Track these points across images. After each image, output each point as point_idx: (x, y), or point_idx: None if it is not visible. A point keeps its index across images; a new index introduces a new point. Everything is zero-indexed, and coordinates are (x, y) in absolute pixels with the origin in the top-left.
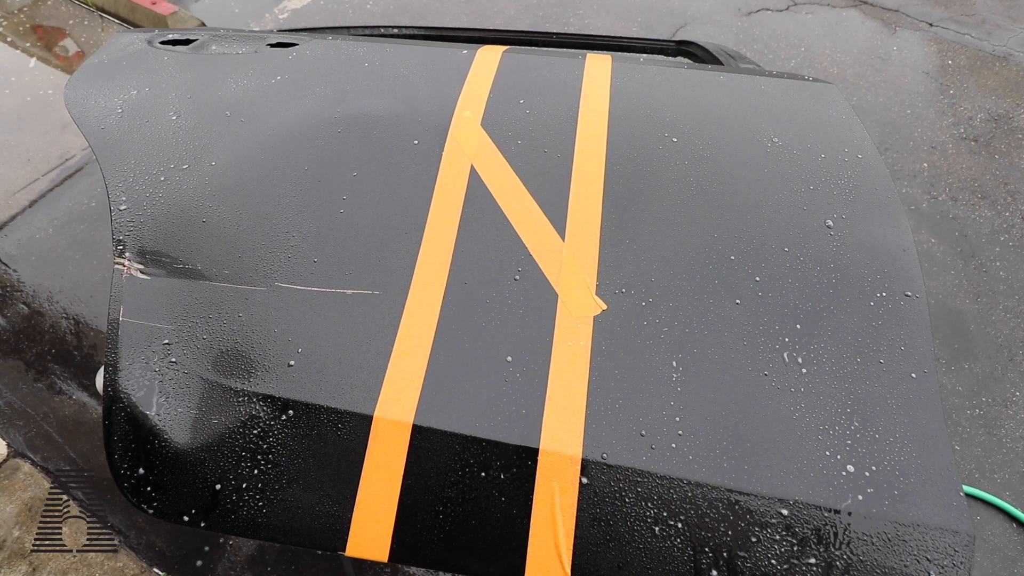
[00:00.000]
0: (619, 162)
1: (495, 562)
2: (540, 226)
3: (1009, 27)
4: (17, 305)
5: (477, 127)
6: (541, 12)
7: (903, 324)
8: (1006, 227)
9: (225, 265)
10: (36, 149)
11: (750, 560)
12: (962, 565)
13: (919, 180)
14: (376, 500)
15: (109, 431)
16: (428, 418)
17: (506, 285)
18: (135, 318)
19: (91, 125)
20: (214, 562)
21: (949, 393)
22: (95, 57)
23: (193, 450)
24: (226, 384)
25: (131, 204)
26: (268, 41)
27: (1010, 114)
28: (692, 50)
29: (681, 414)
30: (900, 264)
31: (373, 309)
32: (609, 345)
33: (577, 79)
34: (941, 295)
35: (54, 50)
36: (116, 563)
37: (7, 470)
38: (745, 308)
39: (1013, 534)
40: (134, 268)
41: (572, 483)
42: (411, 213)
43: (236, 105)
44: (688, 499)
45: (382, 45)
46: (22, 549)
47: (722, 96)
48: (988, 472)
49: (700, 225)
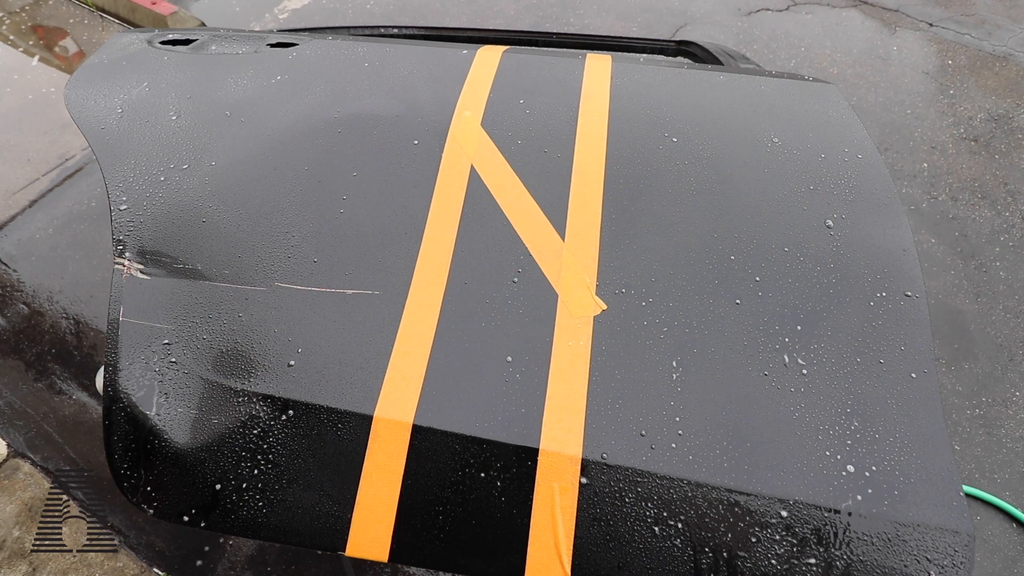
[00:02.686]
0: (619, 162)
1: (495, 562)
2: (540, 226)
3: (1009, 27)
4: (17, 305)
5: (477, 127)
6: (541, 12)
7: (903, 324)
8: (1006, 227)
9: (225, 265)
10: (36, 149)
11: (750, 560)
12: (962, 565)
13: (919, 180)
14: (376, 500)
15: (109, 431)
16: (428, 418)
17: (506, 285)
18: (135, 318)
19: (91, 125)
20: (214, 562)
21: (949, 393)
22: (95, 57)
23: (193, 450)
24: (226, 384)
25: (131, 204)
26: (268, 41)
27: (1010, 114)
28: (692, 50)
29: (681, 414)
30: (900, 264)
31: (373, 309)
32: (609, 345)
33: (577, 79)
34: (941, 295)
35: (54, 50)
36: (116, 563)
37: (7, 470)
38: (745, 308)
39: (1013, 534)
40: (134, 268)
41: (572, 483)
42: (411, 213)
43: (236, 105)
44: (688, 499)
45: (382, 45)
46: (22, 549)
47: (722, 96)
48: (988, 472)
49: (700, 225)
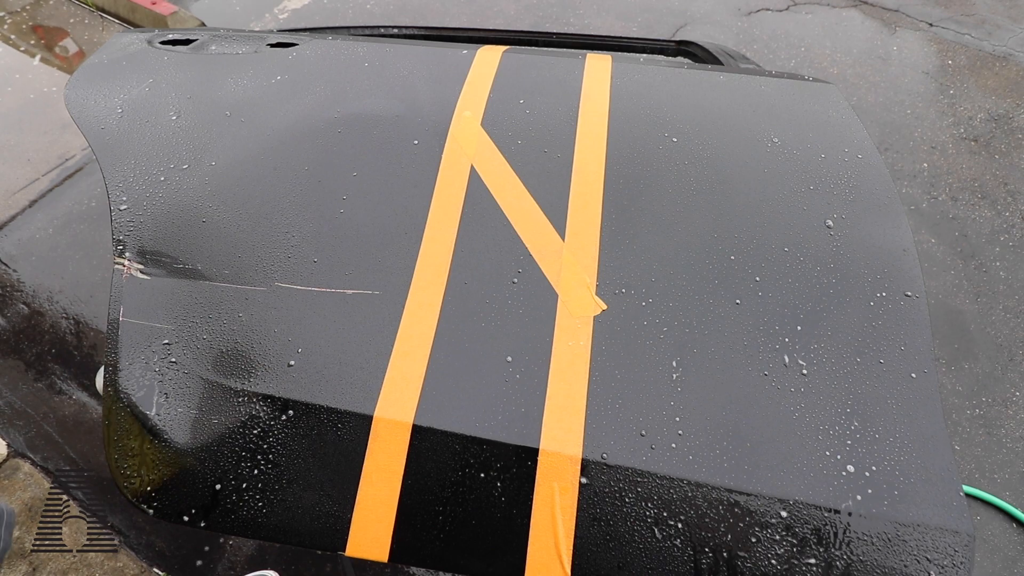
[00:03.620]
0: (619, 162)
1: (495, 562)
2: (540, 226)
3: (1009, 27)
4: (17, 305)
5: (477, 127)
6: (541, 12)
7: (903, 324)
8: (1006, 227)
9: (225, 265)
10: (36, 149)
11: (750, 560)
12: (962, 565)
13: (919, 180)
14: (376, 500)
15: (109, 431)
16: (428, 418)
17: (506, 285)
18: (135, 318)
19: (91, 125)
20: (214, 562)
21: (949, 393)
22: (95, 57)
23: (193, 450)
24: (226, 384)
25: (131, 204)
26: (268, 41)
27: (1010, 114)
28: (692, 50)
29: (681, 414)
30: (900, 264)
31: (373, 309)
32: (609, 345)
33: (577, 79)
34: (941, 295)
35: (54, 50)
36: (116, 563)
37: (7, 470)
38: (745, 308)
39: (1013, 534)
40: (134, 268)
41: (572, 483)
42: (411, 213)
43: (236, 105)
44: (688, 499)
45: (382, 45)
46: (22, 549)
47: (722, 96)
48: (988, 472)
49: (700, 225)
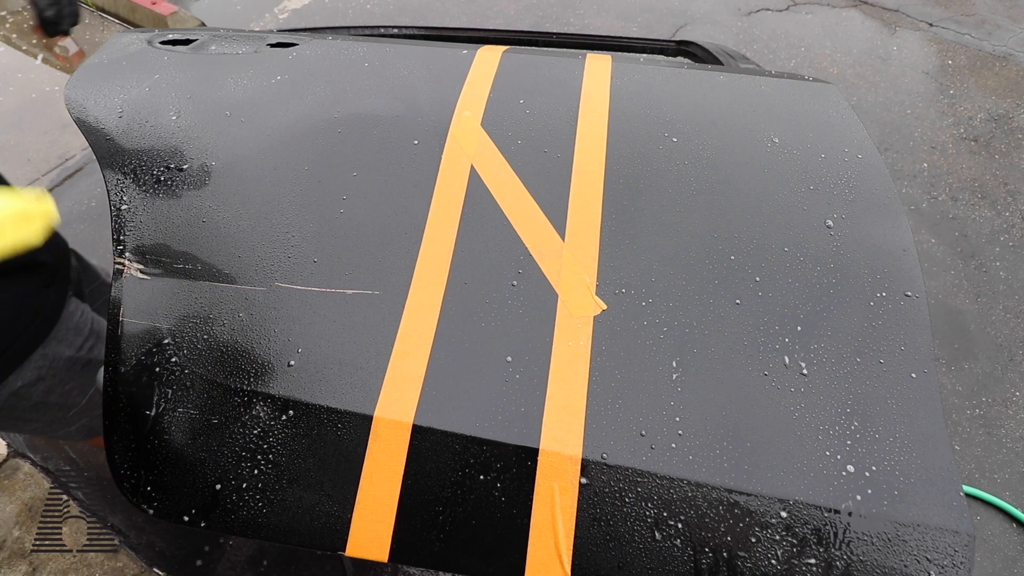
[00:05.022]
0: (619, 162)
1: (495, 562)
2: (540, 226)
3: (1009, 27)
4: None
5: (477, 127)
6: (541, 12)
7: (903, 324)
8: (1006, 227)
9: (225, 265)
10: (36, 149)
11: (750, 560)
12: (962, 565)
13: (919, 180)
14: (376, 500)
15: (109, 431)
16: (428, 418)
17: (506, 285)
18: (135, 318)
19: (91, 125)
20: (214, 562)
21: (949, 393)
22: (95, 57)
23: (193, 450)
24: (226, 384)
25: (131, 204)
26: (268, 41)
27: (1010, 114)
28: (692, 50)
29: (681, 414)
30: (900, 264)
31: (373, 309)
32: (609, 345)
33: (577, 79)
34: (941, 295)
35: (55, 49)
36: (116, 563)
37: (7, 470)
38: (745, 308)
39: (1013, 534)
40: (134, 268)
41: (572, 483)
42: (411, 213)
43: (236, 105)
44: (688, 499)
45: (382, 45)
46: (22, 549)
47: (722, 96)
48: (988, 472)
49: (700, 225)
